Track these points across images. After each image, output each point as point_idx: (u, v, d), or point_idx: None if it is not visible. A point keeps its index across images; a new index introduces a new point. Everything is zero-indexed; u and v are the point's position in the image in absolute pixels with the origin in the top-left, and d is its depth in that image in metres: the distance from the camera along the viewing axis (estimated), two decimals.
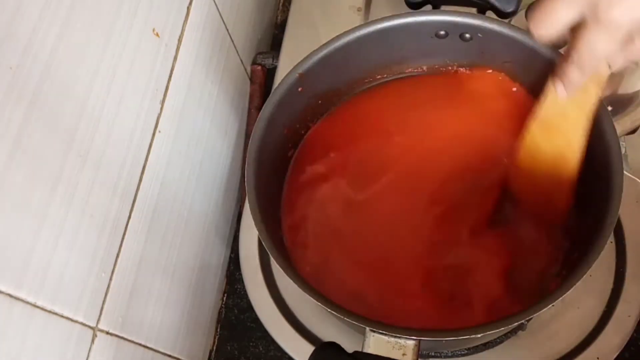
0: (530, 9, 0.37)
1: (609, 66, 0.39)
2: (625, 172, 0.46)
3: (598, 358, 0.57)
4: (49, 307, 0.39)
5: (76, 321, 0.43)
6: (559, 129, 0.46)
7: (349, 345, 0.44)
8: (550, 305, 0.42)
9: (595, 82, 0.41)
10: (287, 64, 0.71)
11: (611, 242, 0.61)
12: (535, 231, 0.51)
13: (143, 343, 0.53)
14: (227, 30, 0.67)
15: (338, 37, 0.52)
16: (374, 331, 0.43)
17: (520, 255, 0.51)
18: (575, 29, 0.36)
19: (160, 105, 0.53)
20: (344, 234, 0.54)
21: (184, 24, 0.56)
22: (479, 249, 0.52)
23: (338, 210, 0.54)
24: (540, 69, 0.50)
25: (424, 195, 0.54)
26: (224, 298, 0.71)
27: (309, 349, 0.54)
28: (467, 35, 0.53)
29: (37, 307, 0.38)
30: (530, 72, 0.53)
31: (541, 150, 0.48)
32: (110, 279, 0.47)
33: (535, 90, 0.54)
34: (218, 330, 0.69)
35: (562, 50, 0.43)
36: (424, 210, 0.53)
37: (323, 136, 0.58)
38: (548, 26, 0.36)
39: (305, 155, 0.57)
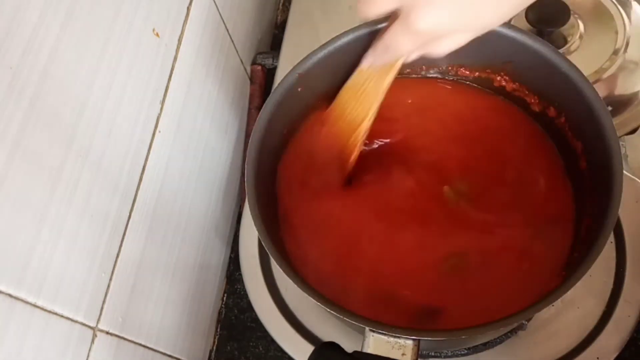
0: None
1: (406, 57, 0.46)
2: (625, 172, 0.46)
3: (598, 358, 0.57)
4: (49, 307, 0.39)
5: (76, 321, 0.43)
6: (362, 92, 0.51)
7: (349, 345, 0.44)
8: (550, 305, 0.42)
9: (392, 63, 0.47)
10: (287, 64, 0.71)
11: (611, 242, 0.61)
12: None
13: (143, 343, 0.53)
14: (227, 30, 0.67)
15: (338, 37, 0.52)
16: (373, 331, 0.43)
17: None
18: (394, 16, 0.42)
19: (160, 105, 0.53)
20: (343, 233, 0.54)
21: (184, 24, 0.56)
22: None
23: (337, 209, 0.54)
24: (539, 69, 0.50)
25: (424, 198, 0.54)
26: (224, 298, 0.71)
27: (309, 349, 0.53)
28: None
29: (37, 307, 0.38)
30: (530, 72, 0.53)
31: (346, 109, 0.53)
32: (110, 279, 0.47)
33: (534, 90, 0.54)
34: (218, 330, 0.69)
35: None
36: (424, 213, 0.53)
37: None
38: (372, 8, 0.41)
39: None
